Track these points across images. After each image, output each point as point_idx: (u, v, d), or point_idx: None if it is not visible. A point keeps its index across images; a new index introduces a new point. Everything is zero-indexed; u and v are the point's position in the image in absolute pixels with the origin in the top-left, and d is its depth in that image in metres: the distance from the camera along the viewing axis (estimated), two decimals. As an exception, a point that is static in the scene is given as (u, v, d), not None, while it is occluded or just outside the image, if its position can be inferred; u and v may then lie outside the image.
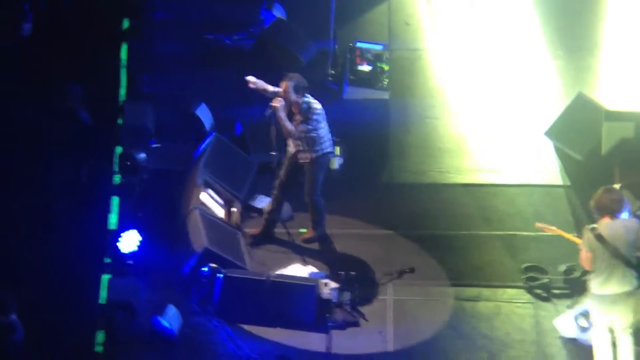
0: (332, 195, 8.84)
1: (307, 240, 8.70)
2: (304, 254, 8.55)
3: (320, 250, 8.63)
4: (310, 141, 8.35)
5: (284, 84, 8.30)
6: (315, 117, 8.29)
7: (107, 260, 8.10)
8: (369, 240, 8.71)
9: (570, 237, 7.82)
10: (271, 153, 8.51)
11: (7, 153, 8.74)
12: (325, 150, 8.44)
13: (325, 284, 8.09)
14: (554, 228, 7.86)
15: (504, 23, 10.44)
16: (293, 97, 8.25)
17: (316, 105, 8.34)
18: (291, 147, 8.45)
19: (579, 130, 9.09)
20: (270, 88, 8.47)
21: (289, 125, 8.29)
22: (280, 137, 8.45)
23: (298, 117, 8.35)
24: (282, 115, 8.25)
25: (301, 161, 8.44)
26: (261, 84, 8.46)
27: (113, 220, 8.47)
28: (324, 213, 8.62)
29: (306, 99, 8.31)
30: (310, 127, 8.29)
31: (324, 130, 8.41)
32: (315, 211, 8.58)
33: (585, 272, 8.18)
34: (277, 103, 8.25)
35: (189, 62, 10.12)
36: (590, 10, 10.36)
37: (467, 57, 10.26)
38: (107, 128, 9.12)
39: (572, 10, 10.38)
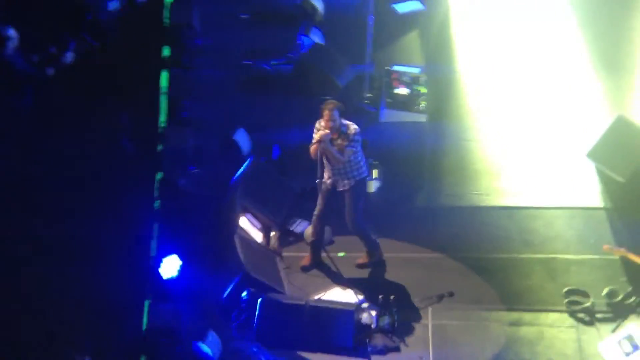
0: (369, 218, 8.80)
1: (361, 266, 8.63)
2: (342, 279, 8.54)
3: (359, 275, 8.61)
4: (350, 167, 8.32)
5: (327, 112, 8.23)
6: (357, 137, 8.25)
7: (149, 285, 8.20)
8: (407, 264, 8.68)
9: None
10: (317, 181, 8.39)
11: (52, 181, 8.89)
12: (362, 175, 8.42)
13: (364, 309, 8.09)
14: (622, 250, 7.78)
15: (544, 44, 10.37)
16: (338, 122, 8.19)
17: (355, 127, 8.30)
18: (327, 177, 8.39)
19: (621, 153, 8.97)
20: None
21: (337, 155, 8.23)
22: (322, 164, 8.36)
23: (339, 142, 8.28)
24: (331, 147, 8.19)
25: (340, 189, 8.42)
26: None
27: (153, 246, 8.56)
28: (372, 238, 8.55)
29: (346, 123, 8.28)
30: (354, 149, 8.24)
31: (361, 153, 8.39)
32: (362, 238, 8.54)
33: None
34: (323, 137, 8.17)
35: (228, 88, 10.24)
36: (632, 31, 10.24)
37: (504, 78, 10.21)
38: (147, 154, 9.24)
39: (614, 31, 10.26)
